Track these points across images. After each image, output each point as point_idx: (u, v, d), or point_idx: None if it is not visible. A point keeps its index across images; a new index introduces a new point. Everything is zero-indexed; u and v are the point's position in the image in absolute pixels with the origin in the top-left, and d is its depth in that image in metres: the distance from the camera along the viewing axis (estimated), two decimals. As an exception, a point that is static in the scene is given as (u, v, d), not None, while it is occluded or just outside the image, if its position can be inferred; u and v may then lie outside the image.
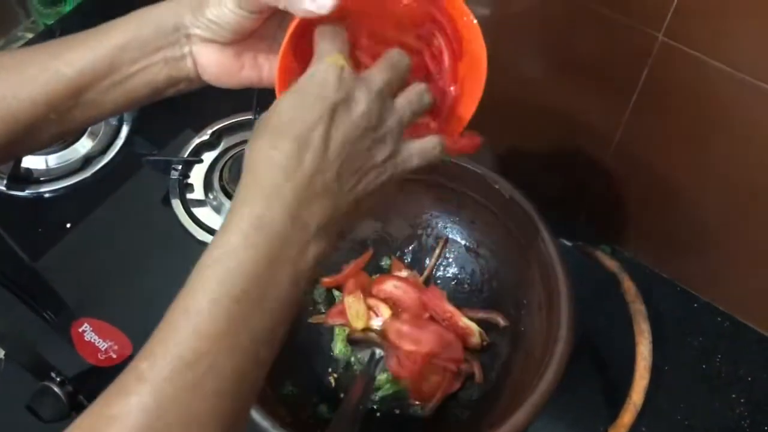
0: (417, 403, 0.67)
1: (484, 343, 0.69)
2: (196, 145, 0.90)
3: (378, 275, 0.73)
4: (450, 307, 0.68)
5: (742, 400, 0.75)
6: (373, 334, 0.67)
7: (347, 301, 0.68)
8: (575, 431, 0.72)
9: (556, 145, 0.82)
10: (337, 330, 0.70)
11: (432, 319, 0.68)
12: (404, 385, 0.67)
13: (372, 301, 0.69)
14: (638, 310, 0.72)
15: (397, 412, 0.67)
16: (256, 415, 0.54)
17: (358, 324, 0.67)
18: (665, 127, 0.70)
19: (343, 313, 0.69)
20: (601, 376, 0.76)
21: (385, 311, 0.68)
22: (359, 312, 0.68)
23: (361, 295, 0.68)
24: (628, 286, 0.75)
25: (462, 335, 0.67)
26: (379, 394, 0.67)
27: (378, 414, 0.67)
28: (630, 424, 0.68)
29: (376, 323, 0.67)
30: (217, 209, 0.85)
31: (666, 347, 0.74)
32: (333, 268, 0.74)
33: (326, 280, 0.73)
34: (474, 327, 0.68)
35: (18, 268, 0.82)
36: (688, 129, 0.69)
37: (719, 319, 0.81)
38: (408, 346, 0.64)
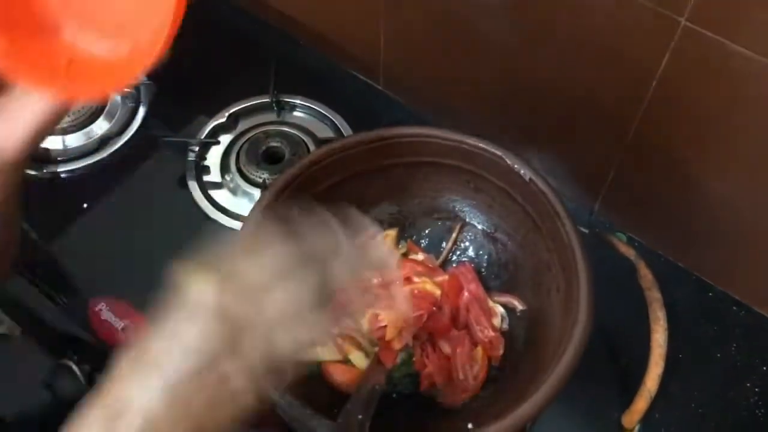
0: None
1: (504, 327, 0.69)
2: (213, 127, 0.90)
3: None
4: (480, 286, 0.68)
5: (756, 390, 0.74)
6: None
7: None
8: (588, 417, 0.72)
9: (573, 132, 0.81)
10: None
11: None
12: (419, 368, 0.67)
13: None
14: (654, 298, 0.72)
15: (413, 393, 0.67)
16: (274, 394, 0.54)
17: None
18: (686, 113, 0.69)
19: None
20: (615, 363, 0.76)
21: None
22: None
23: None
24: (645, 273, 0.75)
25: (488, 318, 0.68)
26: (395, 375, 0.67)
27: (394, 395, 0.67)
28: (644, 410, 0.69)
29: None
30: (234, 191, 0.85)
31: (680, 336, 0.74)
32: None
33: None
34: (499, 309, 0.68)
35: (35, 246, 0.83)
36: (709, 115, 0.68)
37: (735, 308, 0.80)
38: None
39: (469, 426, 0.61)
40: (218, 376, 0.38)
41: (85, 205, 0.85)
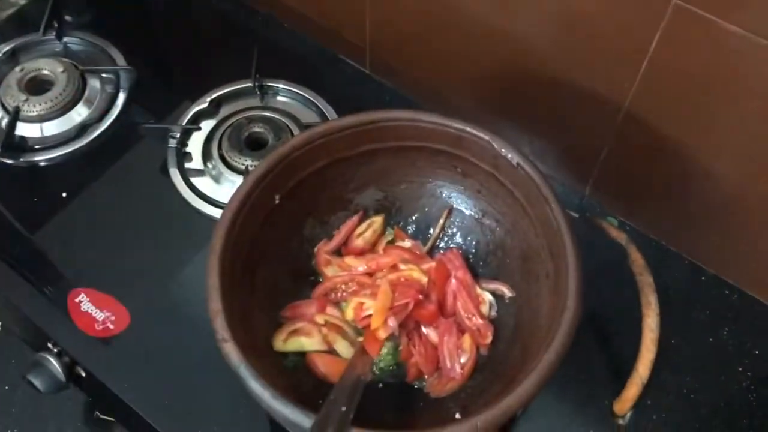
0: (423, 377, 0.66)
1: (492, 314, 0.67)
2: (195, 113, 0.88)
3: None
4: (468, 273, 0.67)
5: (748, 374, 0.74)
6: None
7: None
8: (579, 405, 0.71)
9: (563, 116, 0.80)
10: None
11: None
12: (405, 358, 0.66)
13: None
14: (646, 282, 0.71)
15: (399, 383, 0.66)
16: (256, 386, 0.52)
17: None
18: (677, 94, 0.68)
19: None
20: (606, 349, 0.75)
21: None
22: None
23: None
24: (636, 258, 0.73)
25: (475, 305, 0.66)
26: (380, 365, 0.65)
27: (380, 385, 0.66)
28: (635, 397, 0.68)
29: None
30: (216, 179, 0.84)
31: (672, 320, 0.73)
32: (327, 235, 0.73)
33: (321, 245, 0.71)
34: (487, 297, 0.67)
35: (13, 237, 0.81)
36: (700, 96, 0.67)
37: (727, 292, 0.80)
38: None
39: (457, 415, 0.60)
40: None
41: (64, 195, 0.83)
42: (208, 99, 0.89)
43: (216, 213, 0.81)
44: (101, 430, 0.79)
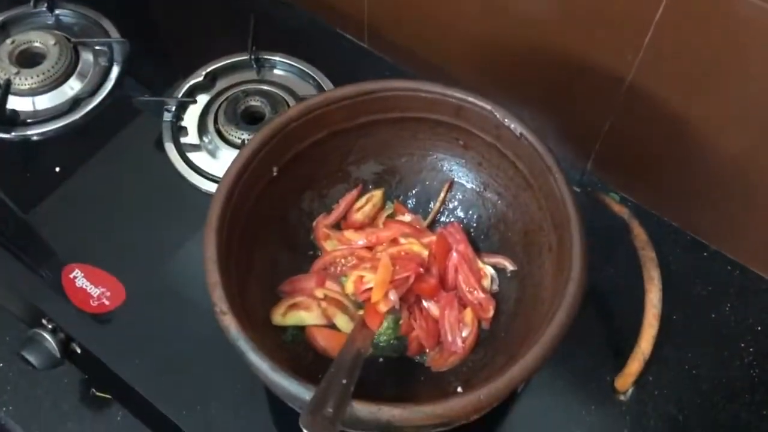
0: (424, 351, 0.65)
1: (494, 288, 0.67)
2: (190, 86, 0.86)
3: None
4: (470, 246, 0.66)
5: (750, 350, 0.73)
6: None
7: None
8: (581, 381, 0.70)
9: (564, 89, 0.79)
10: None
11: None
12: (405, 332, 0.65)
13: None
14: (648, 257, 0.70)
15: (400, 357, 0.65)
16: (255, 358, 0.51)
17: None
18: (682, 65, 0.67)
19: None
20: (608, 325, 0.75)
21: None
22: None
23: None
24: (639, 233, 0.73)
25: (477, 279, 0.66)
26: (381, 339, 0.65)
27: (380, 359, 0.65)
28: (637, 373, 0.67)
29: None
30: (212, 153, 0.82)
31: (674, 296, 0.72)
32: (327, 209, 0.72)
33: (320, 218, 0.70)
34: (489, 271, 0.66)
35: (5, 212, 0.79)
36: (707, 67, 0.66)
37: (729, 267, 0.79)
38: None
39: (459, 389, 0.59)
40: None
41: (57, 169, 0.82)
42: (204, 72, 0.87)
43: (212, 188, 0.79)
44: (98, 408, 0.78)
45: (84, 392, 0.79)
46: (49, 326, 0.73)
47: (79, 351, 0.73)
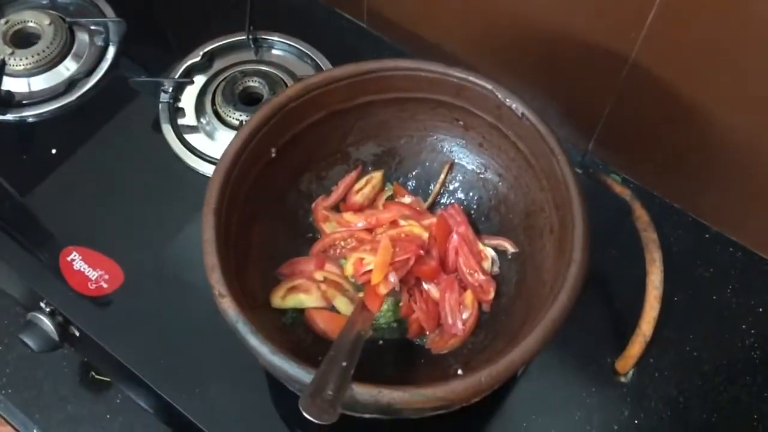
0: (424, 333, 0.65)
1: (495, 270, 0.66)
2: (187, 66, 0.85)
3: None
4: (470, 228, 0.66)
5: (752, 331, 0.73)
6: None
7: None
8: (581, 363, 0.70)
9: (566, 68, 0.78)
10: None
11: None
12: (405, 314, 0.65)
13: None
14: (650, 239, 0.70)
15: (399, 339, 0.65)
16: (254, 341, 0.51)
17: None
18: (687, 42, 0.66)
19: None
20: (609, 307, 0.75)
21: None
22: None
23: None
24: (641, 214, 0.72)
25: (477, 261, 0.65)
26: (381, 321, 0.64)
27: (380, 342, 0.64)
28: (638, 355, 0.67)
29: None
30: (210, 135, 0.81)
31: (676, 278, 0.72)
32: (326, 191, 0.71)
33: (319, 200, 0.70)
34: (489, 253, 0.65)
35: (1, 194, 0.79)
36: (709, 46, 0.65)
37: (731, 249, 0.79)
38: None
39: (459, 371, 0.59)
40: None
41: (54, 151, 0.81)
42: (201, 52, 0.86)
43: (210, 170, 0.78)
44: (97, 391, 0.78)
45: (83, 375, 0.79)
46: (47, 309, 0.73)
47: (77, 334, 0.72)
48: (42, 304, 0.73)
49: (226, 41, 0.87)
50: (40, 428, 0.76)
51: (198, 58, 0.86)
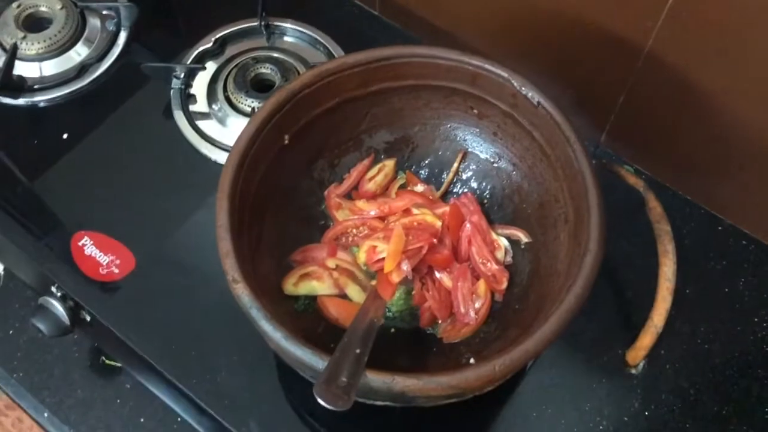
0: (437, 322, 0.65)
1: (508, 260, 0.66)
2: (199, 53, 0.85)
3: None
4: (484, 218, 0.65)
5: (764, 324, 0.73)
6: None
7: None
8: (591, 354, 0.70)
9: (580, 58, 0.77)
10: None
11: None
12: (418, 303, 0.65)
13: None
14: (664, 230, 0.69)
15: (411, 328, 0.65)
16: (268, 327, 0.51)
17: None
18: (701, 34, 0.65)
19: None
20: (620, 298, 0.74)
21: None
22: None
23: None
24: (654, 206, 0.72)
25: (490, 250, 0.65)
26: (393, 310, 0.64)
27: (392, 330, 0.64)
28: (650, 346, 0.67)
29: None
30: (222, 121, 0.81)
31: (688, 270, 0.72)
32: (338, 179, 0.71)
33: (332, 188, 0.69)
34: (503, 242, 0.65)
35: (13, 179, 0.79)
36: (726, 36, 0.64)
37: (744, 242, 0.78)
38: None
39: (471, 361, 0.59)
40: None
41: (65, 136, 0.81)
42: (213, 38, 0.86)
43: (221, 157, 0.78)
44: (107, 376, 0.78)
45: (94, 360, 0.80)
46: (59, 294, 0.73)
47: (88, 319, 0.73)
48: (53, 289, 0.73)
49: (239, 27, 0.87)
50: (51, 412, 0.76)
51: (210, 44, 0.85)
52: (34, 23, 0.86)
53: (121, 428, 0.75)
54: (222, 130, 0.81)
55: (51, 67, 0.84)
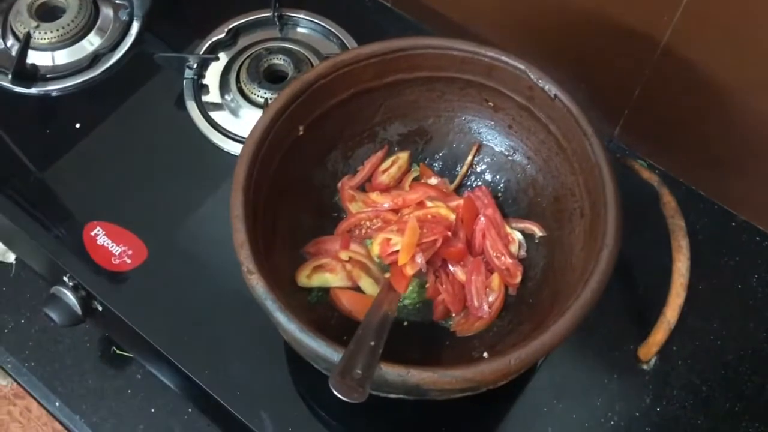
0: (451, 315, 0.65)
1: (522, 254, 0.66)
2: (212, 43, 0.85)
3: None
4: (498, 211, 0.65)
5: (777, 321, 0.72)
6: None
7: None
8: (603, 349, 0.70)
9: (595, 51, 0.76)
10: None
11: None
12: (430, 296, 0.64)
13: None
14: (678, 226, 0.69)
15: (425, 321, 0.65)
16: (282, 318, 0.51)
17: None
18: (719, 27, 0.65)
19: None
20: (633, 293, 0.74)
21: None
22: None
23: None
24: (668, 200, 0.71)
25: (505, 244, 0.65)
26: (406, 303, 0.64)
27: (405, 323, 0.64)
28: (662, 342, 0.66)
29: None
30: (234, 112, 0.81)
31: (701, 266, 0.71)
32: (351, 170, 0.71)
33: (345, 180, 0.69)
34: (517, 236, 0.65)
35: (26, 168, 0.79)
36: (744, 30, 0.63)
37: (758, 238, 0.78)
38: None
39: (484, 354, 0.59)
40: None
41: (77, 126, 0.81)
42: (226, 29, 0.85)
43: (234, 148, 0.78)
44: (119, 366, 0.78)
45: (105, 350, 0.80)
46: (71, 284, 0.73)
47: (100, 309, 0.73)
48: (65, 278, 0.73)
49: (251, 18, 0.87)
50: (62, 401, 0.76)
51: (223, 35, 0.85)
52: (47, 12, 0.86)
53: (132, 418, 0.75)
54: (234, 121, 0.80)
55: (64, 57, 0.84)
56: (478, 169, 0.71)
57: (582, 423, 0.66)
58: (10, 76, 0.81)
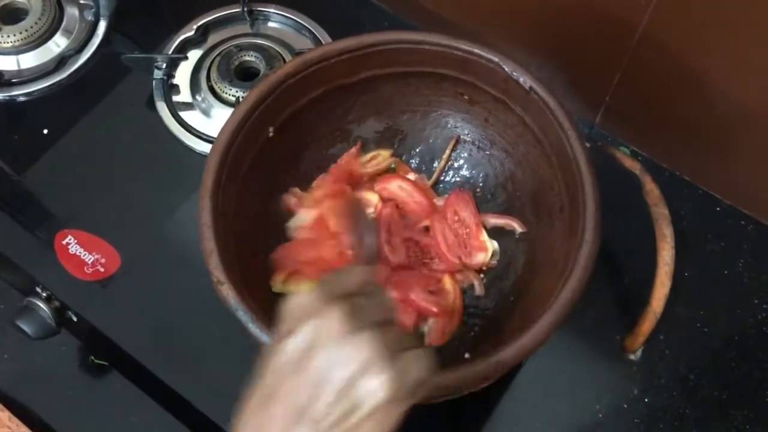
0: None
1: (491, 264, 0.64)
2: (181, 41, 0.82)
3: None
4: (477, 217, 0.64)
5: (764, 306, 0.72)
6: None
7: None
8: (589, 341, 0.69)
9: (572, 38, 0.75)
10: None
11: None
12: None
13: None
14: (661, 214, 0.68)
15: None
16: (255, 329, 0.50)
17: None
18: (696, 12, 0.63)
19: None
20: (618, 284, 0.73)
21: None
22: None
23: None
24: (651, 189, 0.70)
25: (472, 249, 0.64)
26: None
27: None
28: (648, 332, 0.66)
29: None
30: (206, 112, 0.79)
31: (686, 252, 0.71)
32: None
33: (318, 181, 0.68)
34: (491, 246, 0.63)
35: (-5, 177, 0.77)
36: (721, 14, 0.62)
37: (743, 222, 0.77)
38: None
39: (466, 355, 0.58)
40: None
41: (45, 131, 0.79)
42: (195, 26, 0.83)
43: (206, 148, 0.76)
44: (97, 374, 0.77)
45: (82, 359, 0.78)
46: (44, 294, 0.71)
47: (75, 319, 0.71)
48: (38, 289, 0.72)
49: (221, 14, 0.84)
50: (39, 411, 0.75)
51: (192, 33, 0.83)
52: (9, 14, 0.84)
53: (112, 427, 0.74)
54: (206, 121, 0.78)
55: (29, 60, 0.82)
56: (456, 165, 0.69)
57: (569, 416, 0.65)
58: (-27, 82, 0.79)
